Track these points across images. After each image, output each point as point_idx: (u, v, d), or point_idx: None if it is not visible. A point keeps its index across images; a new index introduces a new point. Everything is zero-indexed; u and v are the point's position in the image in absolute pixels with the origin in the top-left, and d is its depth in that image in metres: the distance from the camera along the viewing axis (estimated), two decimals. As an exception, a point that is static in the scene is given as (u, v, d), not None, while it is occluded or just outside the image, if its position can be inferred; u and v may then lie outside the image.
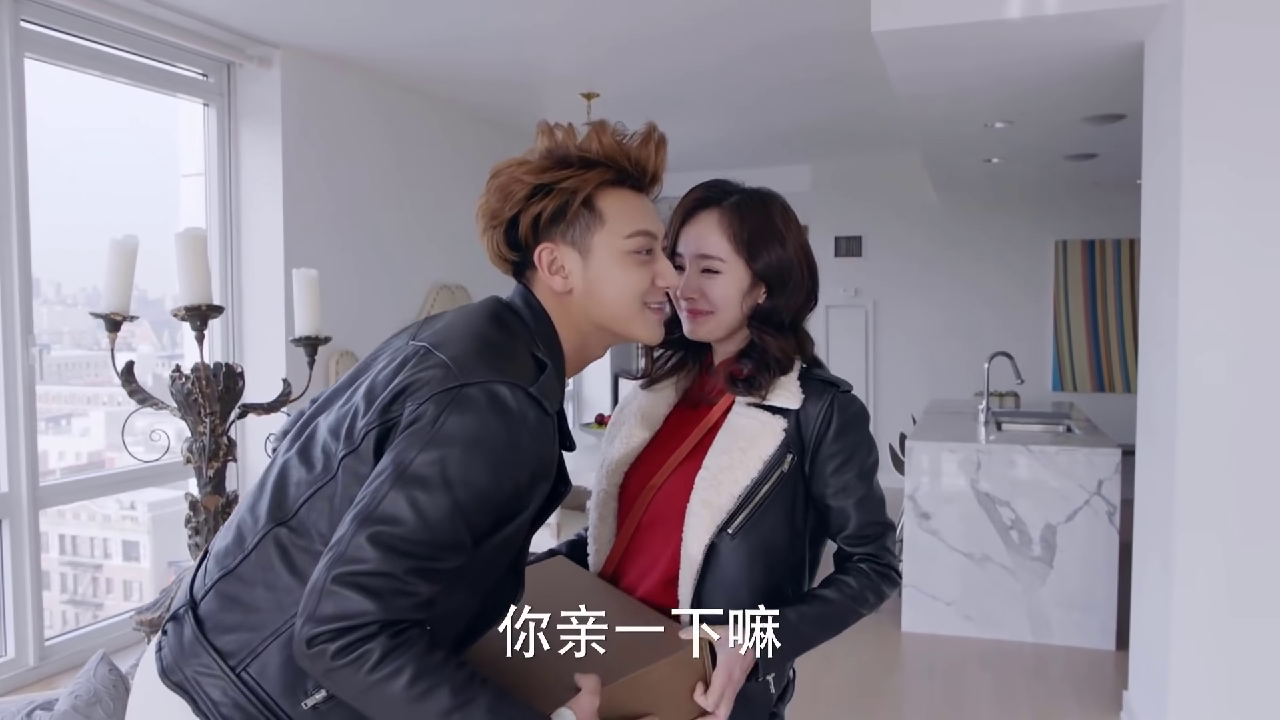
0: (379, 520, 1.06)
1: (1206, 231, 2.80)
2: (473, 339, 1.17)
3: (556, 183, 1.24)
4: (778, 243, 1.42)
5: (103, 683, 1.86)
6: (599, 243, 1.25)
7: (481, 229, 1.29)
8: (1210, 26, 2.76)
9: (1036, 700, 3.74)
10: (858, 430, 1.41)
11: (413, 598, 1.06)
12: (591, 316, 1.26)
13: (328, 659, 1.03)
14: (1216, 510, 2.82)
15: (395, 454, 1.09)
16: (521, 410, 1.11)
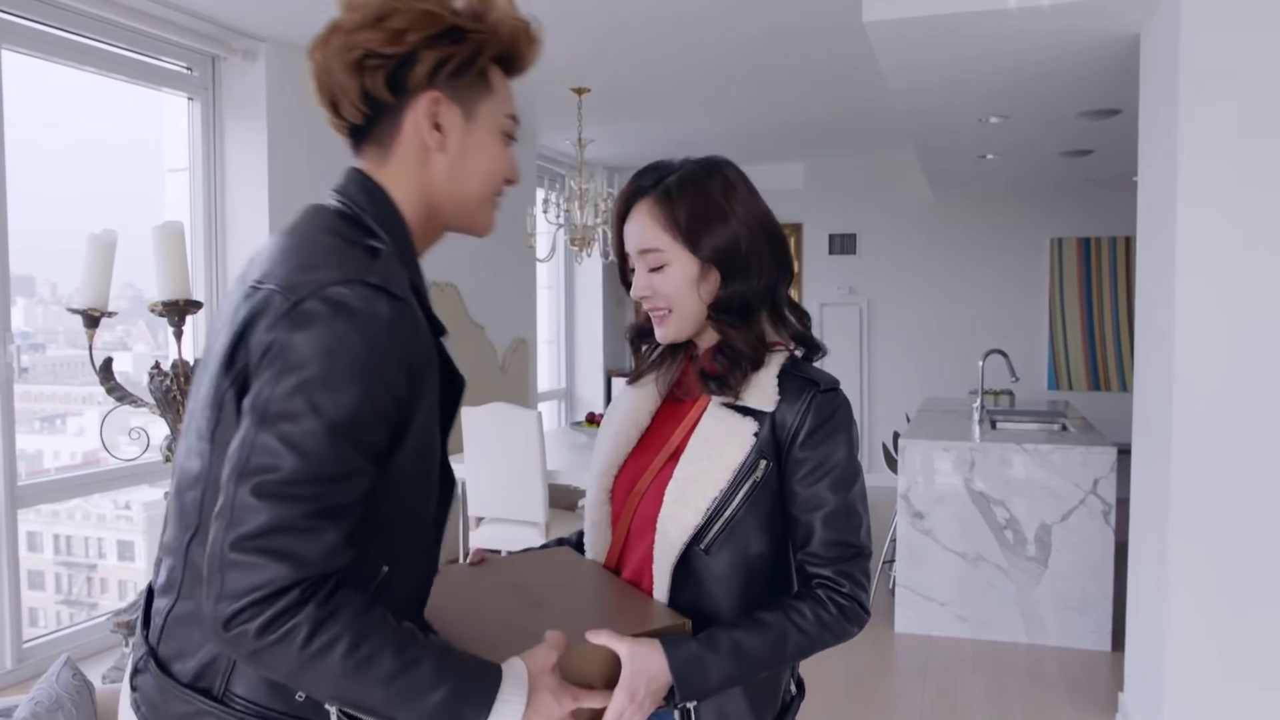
0: (256, 471, 0.95)
1: (1202, 229, 2.76)
2: (295, 254, 1.05)
3: (470, 32, 1.10)
4: (720, 220, 1.28)
5: (65, 688, 1.79)
6: (484, 111, 1.16)
7: (349, 63, 1.08)
8: (1207, 17, 2.71)
9: (1031, 702, 3.69)
10: (834, 434, 1.26)
11: (322, 544, 0.96)
12: (446, 188, 1.15)
13: (251, 639, 0.94)
14: (1212, 510, 2.77)
15: (251, 398, 0.98)
16: (369, 305, 0.98)
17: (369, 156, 1.14)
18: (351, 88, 1.08)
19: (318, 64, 1.10)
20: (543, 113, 6.20)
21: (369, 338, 0.97)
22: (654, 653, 1.15)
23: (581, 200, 5.60)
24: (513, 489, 4.48)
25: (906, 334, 7.95)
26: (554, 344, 8.32)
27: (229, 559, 0.94)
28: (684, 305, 1.31)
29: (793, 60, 4.92)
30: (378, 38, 1.06)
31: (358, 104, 1.10)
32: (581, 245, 5.66)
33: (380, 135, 1.12)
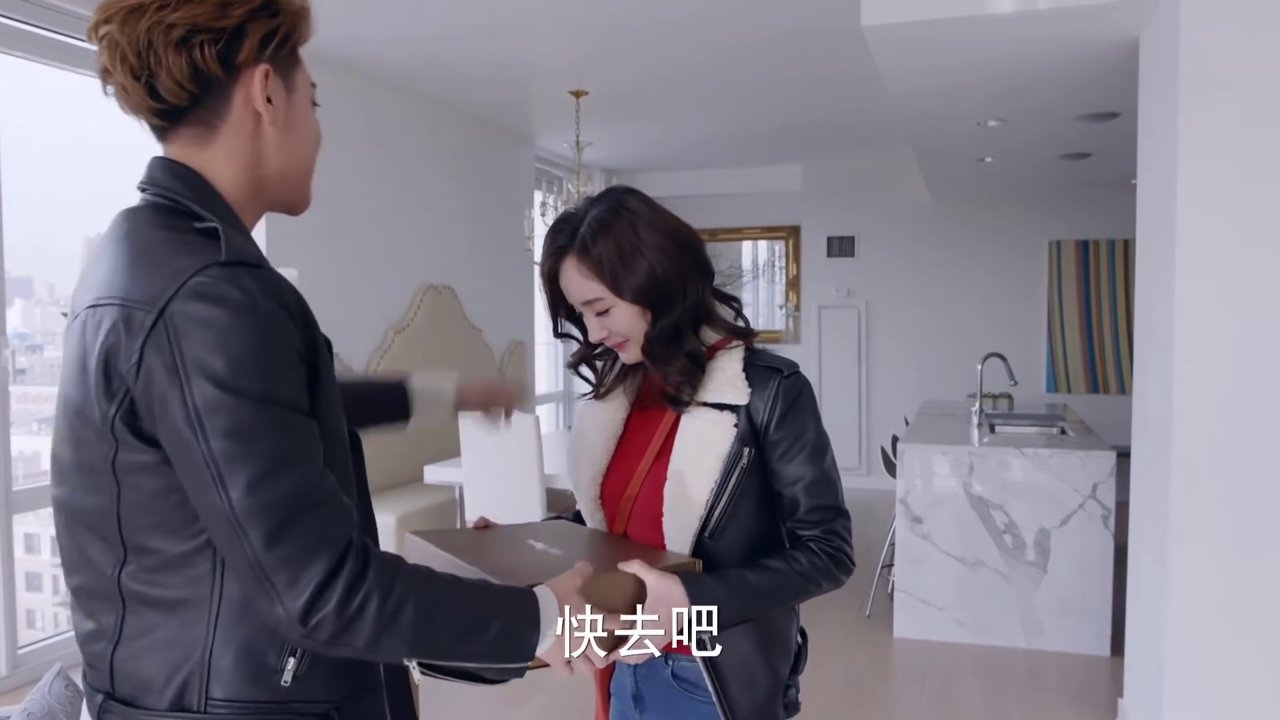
0: (234, 476, 0.95)
1: (1203, 232, 2.75)
2: (131, 263, 1.02)
3: (283, 6, 1.09)
4: (634, 258, 1.36)
5: (58, 699, 1.78)
6: (299, 81, 1.15)
7: (174, 40, 1.02)
8: (1206, 20, 2.70)
9: (1030, 707, 3.68)
10: (802, 413, 1.39)
11: (331, 508, 0.99)
12: (276, 162, 1.13)
13: (331, 624, 0.97)
14: (1212, 514, 2.76)
15: (174, 420, 0.96)
16: (234, 284, 0.97)
17: (185, 139, 1.09)
18: (178, 65, 1.03)
19: (124, 43, 1.03)
20: (541, 115, 6.20)
21: (248, 313, 0.96)
22: (674, 584, 1.26)
23: (579, 203, 5.59)
24: (509, 493, 4.47)
25: (905, 336, 7.94)
26: (551, 346, 8.31)
27: (269, 563, 0.96)
28: (637, 335, 1.41)
29: (790, 63, 4.92)
30: (203, 12, 1.03)
31: (185, 83, 1.04)
32: (579, 248, 5.65)
33: (205, 114, 1.08)
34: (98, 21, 1.05)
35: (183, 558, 1.02)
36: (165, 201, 1.07)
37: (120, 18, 1.03)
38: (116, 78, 1.05)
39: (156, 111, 1.07)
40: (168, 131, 1.09)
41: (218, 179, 1.09)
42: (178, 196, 1.06)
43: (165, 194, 1.07)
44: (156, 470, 1.00)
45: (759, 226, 8.67)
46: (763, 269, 8.85)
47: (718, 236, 8.79)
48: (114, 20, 1.03)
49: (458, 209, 6.01)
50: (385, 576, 1.00)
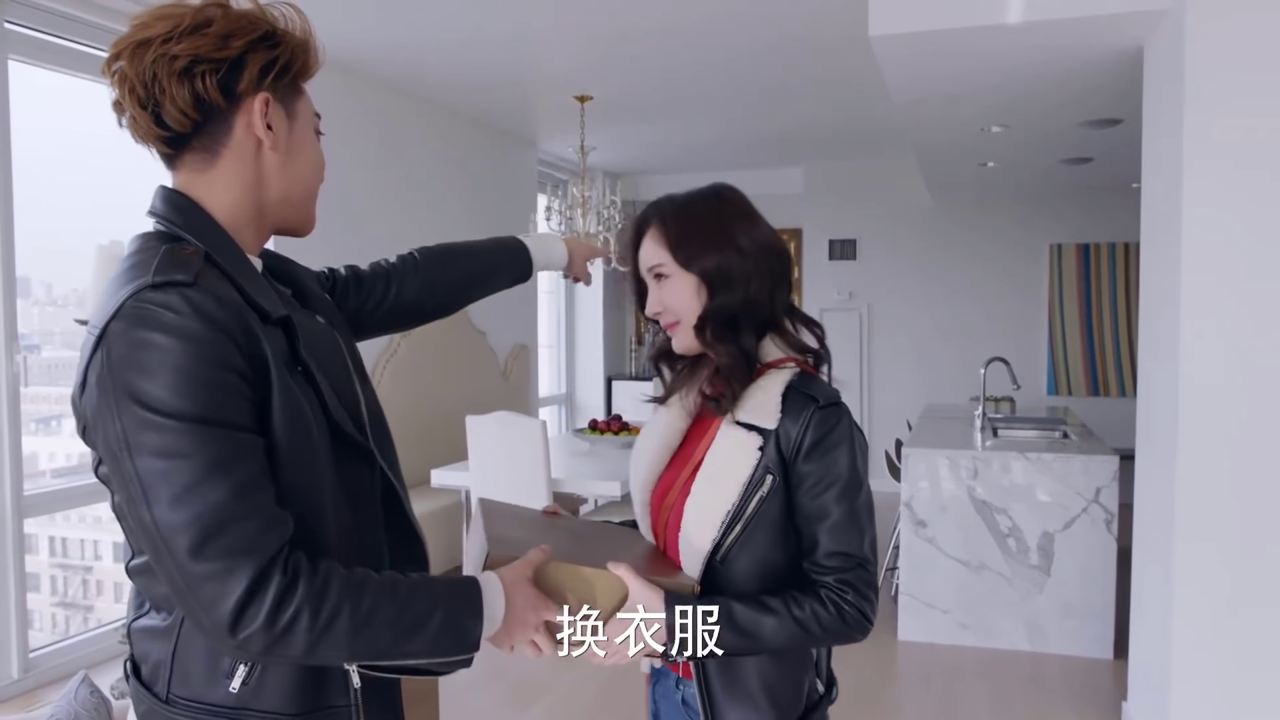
0: (157, 492, 0.98)
1: (1208, 236, 2.77)
2: (103, 294, 1.07)
3: (284, 38, 1.15)
4: (708, 239, 1.38)
5: (83, 705, 1.80)
6: (301, 110, 1.20)
7: (177, 71, 1.08)
8: (1212, 31, 2.73)
9: (1034, 710, 3.71)
10: (835, 449, 1.31)
11: (256, 522, 1.00)
12: (277, 186, 1.18)
13: (261, 637, 0.99)
14: (1218, 517, 2.79)
15: (107, 436, 1.01)
16: (161, 303, 1.00)
17: (190, 165, 1.14)
18: (181, 95, 1.09)
19: (132, 76, 1.09)
20: (544, 119, 6.22)
21: (177, 333, 0.99)
22: (657, 595, 1.24)
23: (584, 207, 5.61)
24: (517, 497, 4.48)
25: (906, 339, 7.97)
26: (554, 349, 8.33)
27: (193, 578, 0.99)
28: (689, 316, 1.39)
29: (793, 69, 4.95)
30: (205, 44, 1.08)
31: (188, 111, 1.10)
32: (584, 252, 5.67)
33: (207, 141, 1.13)
34: (110, 58, 1.12)
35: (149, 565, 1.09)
36: (162, 228, 1.13)
37: (129, 52, 1.09)
38: (127, 108, 1.11)
39: (163, 139, 1.13)
40: (174, 159, 1.15)
41: (216, 203, 1.14)
42: (170, 223, 1.12)
43: (161, 221, 1.13)
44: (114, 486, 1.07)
45: (760, 229, 8.69)
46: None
47: (719, 239, 8.82)
48: (124, 55, 1.10)
49: (462, 212, 6.04)
50: (317, 586, 1.01)
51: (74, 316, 2.89)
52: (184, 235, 1.11)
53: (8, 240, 3.52)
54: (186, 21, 1.09)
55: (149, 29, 1.09)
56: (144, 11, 1.11)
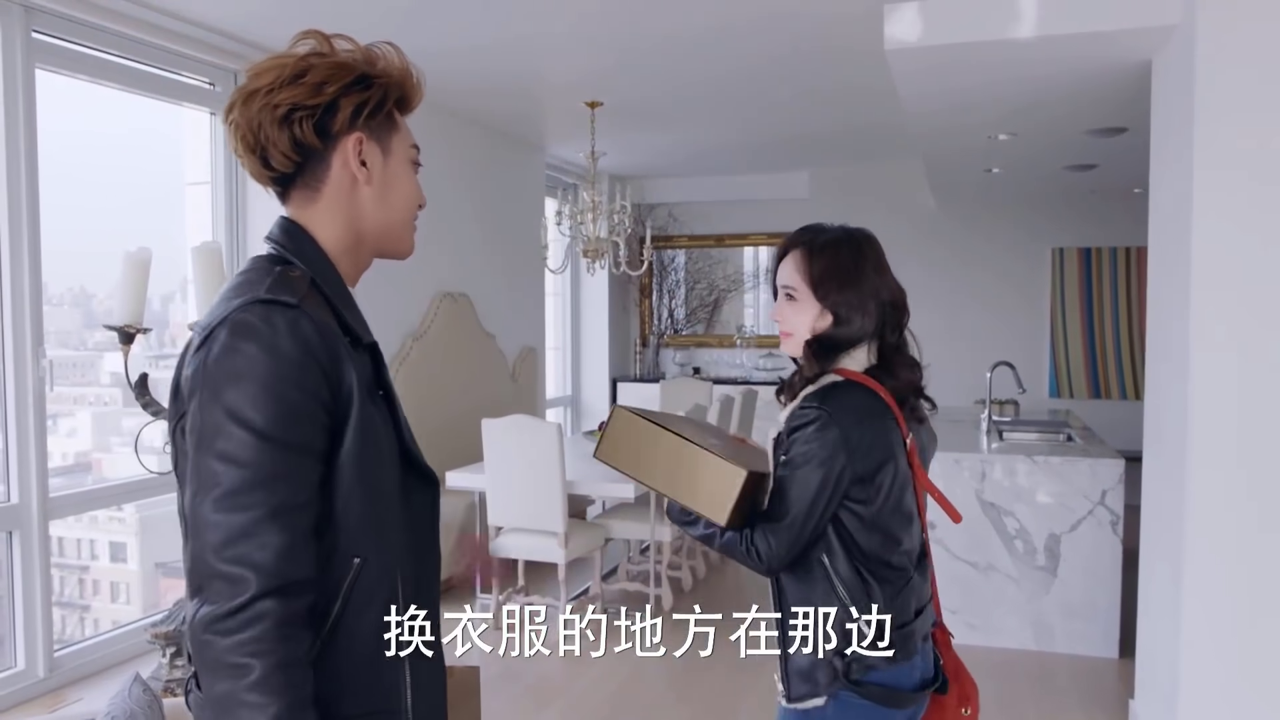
0: (206, 489, 1.08)
1: (1218, 243, 2.83)
2: (216, 302, 1.18)
3: (376, 77, 1.25)
4: (845, 284, 1.70)
5: (137, 703, 1.86)
6: (396, 145, 1.28)
7: (278, 118, 1.19)
8: (1222, 45, 2.79)
9: (1042, 708, 3.78)
10: (799, 435, 1.64)
11: (273, 549, 1.06)
12: (374, 217, 1.27)
13: (220, 649, 1.05)
14: (1228, 519, 2.85)
15: (187, 428, 1.12)
16: (265, 320, 1.10)
17: (298, 200, 1.25)
18: (282, 139, 1.20)
19: (242, 124, 1.20)
20: (555, 124, 6.28)
21: (270, 348, 1.09)
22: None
23: (594, 212, 5.67)
24: (531, 499, 4.55)
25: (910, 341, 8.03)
26: (560, 352, 8.39)
27: (211, 569, 1.07)
28: (800, 332, 1.73)
29: (801, 77, 5.01)
30: (301, 92, 1.19)
31: (289, 153, 1.21)
32: (594, 257, 5.74)
33: (309, 179, 1.24)
34: (227, 108, 1.24)
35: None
36: (275, 253, 1.24)
37: (241, 102, 1.21)
38: (240, 153, 1.23)
39: (272, 179, 1.25)
40: (285, 194, 1.27)
41: (322, 234, 1.25)
42: (281, 248, 1.24)
43: (274, 245, 1.25)
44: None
45: (765, 233, 8.76)
46: (766, 274, 8.95)
47: (724, 242, 8.89)
48: (236, 105, 1.22)
49: (472, 217, 6.10)
50: (285, 654, 1.07)
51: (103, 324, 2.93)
52: (293, 260, 1.21)
53: (35, 248, 3.57)
54: (288, 72, 1.20)
55: (258, 80, 1.20)
56: (257, 62, 1.23)
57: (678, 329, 9.11)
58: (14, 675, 3.53)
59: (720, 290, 9.02)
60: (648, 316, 9.14)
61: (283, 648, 1.06)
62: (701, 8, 3.95)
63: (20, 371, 3.54)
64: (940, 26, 3.17)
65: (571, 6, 3.93)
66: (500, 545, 4.70)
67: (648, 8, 3.95)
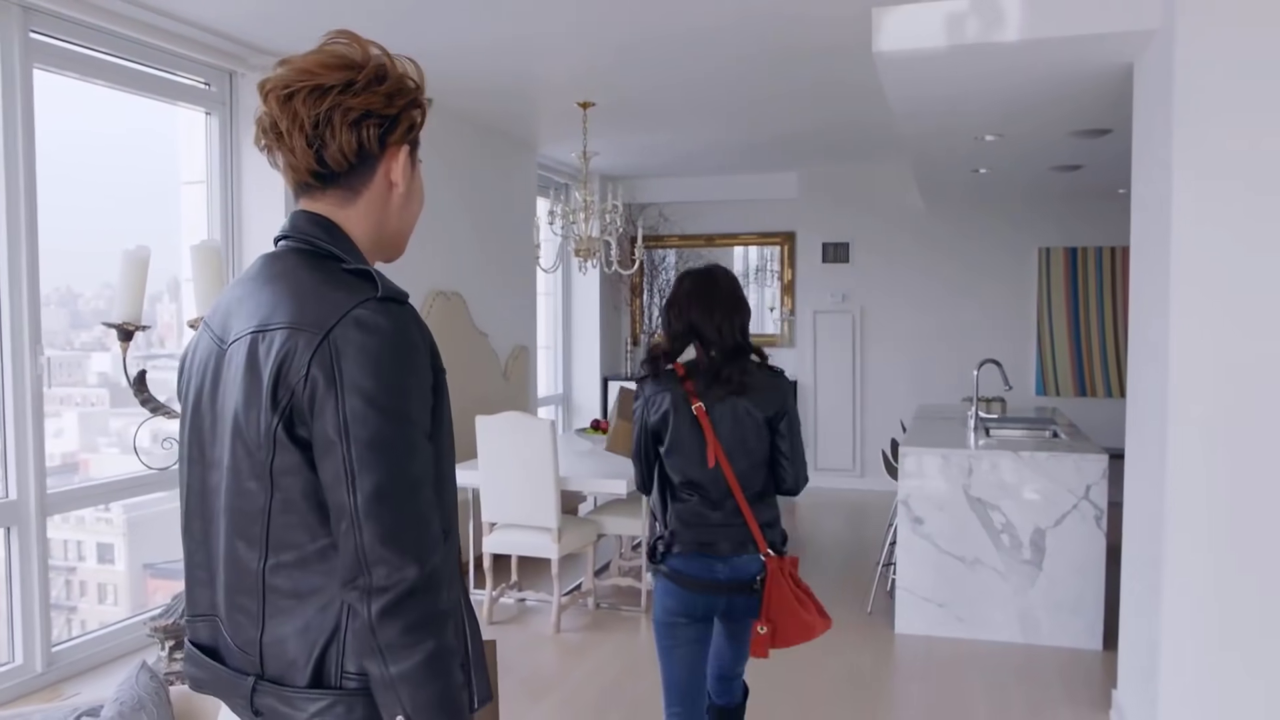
0: (365, 480, 1.13)
1: (1198, 244, 2.89)
2: (291, 297, 1.20)
3: (422, 99, 1.31)
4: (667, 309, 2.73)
5: (145, 690, 1.91)
6: (417, 160, 1.35)
7: (351, 121, 1.23)
8: (1200, 49, 2.86)
9: (1028, 699, 3.85)
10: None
11: (433, 525, 1.18)
12: (395, 224, 1.34)
13: (394, 629, 1.14)
14: (1206, 514, 2.92)
15: (324, 427, 1.14)
16: (386, 316, 1.17)
17: (331, 199, 1.28)
18: (349, 141, 1.23)
19: (303, 115, 1.22)
20: (545, 124, 6.32)
21: (397, 343, 1.16)
22: None
23: (587, 212, 5.72)
24: (525, 496, 4.60)
25: (898, 341, 8.12)
26: (551, 350, 8.44)
27: (373, 557, 1.14)
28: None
29: (791, 77, 5.07)
30: (376, 101, 1.24)
31: (350, 155, 1.25)
32: (586, 256, 5.79)
33: (354, 181, 1.27)
34: (278, 87, 1.24)
35: (318, 553, 1.20)
36: (307, 247, 1.26)
37: (305, 93, 1.22)
38: (289, 141, 1.24)
39: (315, 174, 1.26)
40: (315, 190, 1.29)
41: (352, 233, 1.30)
42: (321, 242, 1.26)
43: (308, 239, 1.27)
44: (303, 472, 1.18)
45: (755, 232, 8.83)
46: (756, 274, 9.02)
47: (714, 242, 8.95)
48: (298, 94, 1.23)
49: (464, 217, 6.14)
50: (434, 611, 1.16)
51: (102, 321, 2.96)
52: (340, 254, 1.25)
53: (33, 248, 3.60)
54: (365, 76, 1.23)
55: (325, 76, 1.22)
56: (313, 57, 1.24)
57: (668, 328, 9.16)
58: (12, 670, 3.56)
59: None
60: (639, 315, 9.20)
61: (446, 618, 1.18)
62: (693, 8, 4.00)
63: (18, 369, 3.57)
64: (928, 30, 3.23)
65: (565, 7, 3.98)
66: (493, 542, 4.75)
67: (640, 8, 4.00)
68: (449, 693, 1.16)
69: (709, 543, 2.52)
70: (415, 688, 1.14)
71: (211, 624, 1.28)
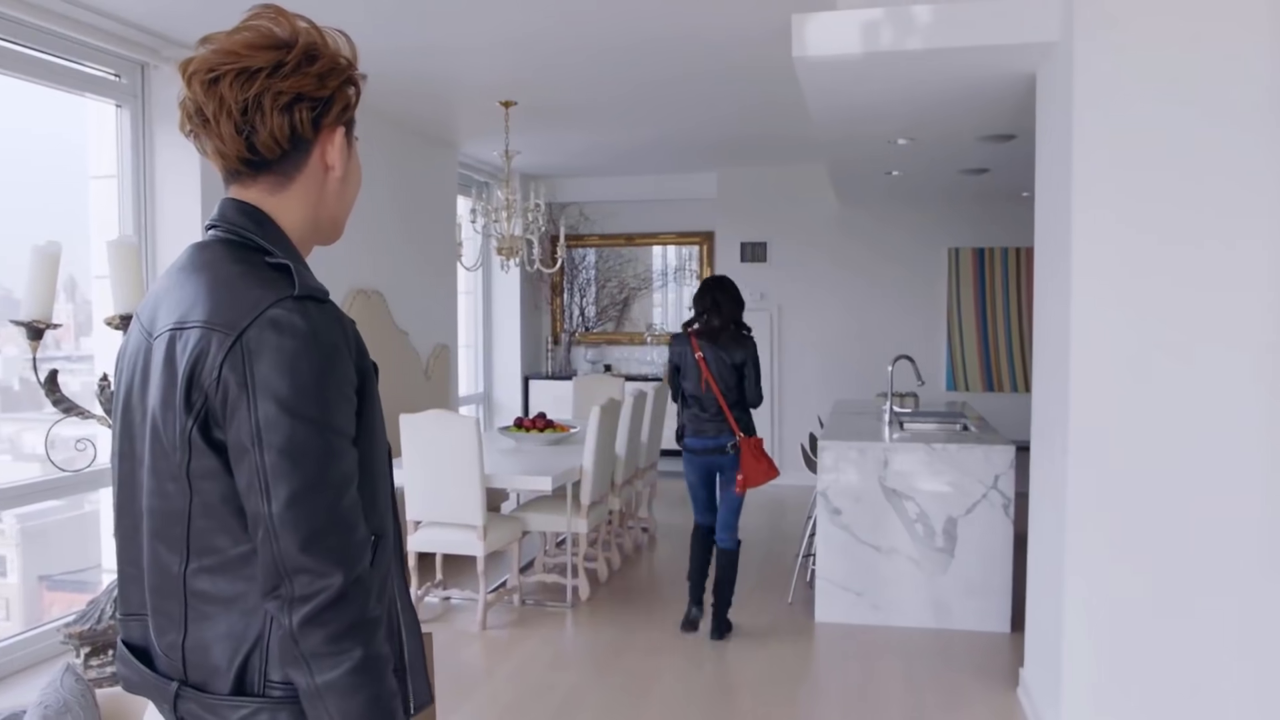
0: (278, 487, 1.09)
1: (1095, 243, 3.05)
2: (211, 291, 1.15)
3: (355, 78, 1.25)
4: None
5: (70, 692, 1.87)
6: (352, 139, 1.30)
7: (283, 105, 1.17)
8: (1095, 60, 3.03)
9: (942, 680, 4.01)
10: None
11: (360, 535, 1.13)
12: (331, 207, 1.28)
13: (320, 641, 1.11)
14: (1104, 501, 3.09)
15: (239, 431, 1.10)
16: (303, 316, 1.12)
17: (263, 185, 1.22)
18: (280, 125, 1.17)
19: (230, 101, 1.15)
20: (469, 123, 6.30)
21: (314, 344, 1.11)
22: None
23: (509, 211, 5.72)
24: (449, 493, 4.60)
25: (815, 338, 8.31)
26: (473, 349, 8.40)
27: (292, 567, 1.10)
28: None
29: (712, 88, 5.17)
30: (307, 83, 1.18)
31: (282, 141, 1.18)
32: (508, 255, 5.80)
33: (287, 167, 1.21)
34: (201, 70, 1.17)
35: (240, 558, 1.16)
36: (235, 238, 1.21)
37: (231, 77, 1.16)
38: (216, 127, 1.18)
39: (245, 161, 1.20)
40: (246, 177, 1.22)
41: (284, 221, 1.24)
42: (248, 233, 1.21)
43: (236, 230, 1.21)
44: (221, 477, 1.14)
45: (674, 232, 8.94)
46: (675, 273, 9.13)
47: (634, 241, 9.03)
48: (224, 78, 1.16)
49: (385, 215, 6.08)
50: (368, 629, 1.13)
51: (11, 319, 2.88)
52: (261, 244, 1.20)
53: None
54: (292, 59, 1.17)
55: (253, 58, 1.16)
56: (238, 36, 1.18)
57: (589, 326, 9.21)
58: (-87, 683, 3.43)
59: (630, 288, 9.16)
60: (559, 314, 9.22)
61: (375, 625, 1.14)
62: (614, 24, 4.06)
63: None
64: (844, 37, 3.35)
65: (487, 15, 3.99)
66: (418, 540, 4.73)
67: (561, 20, 4.05)
68: (380, 700, 1.13)
69: (703, 430, 4.42)
70: (343, 697, 1.11)
71: (144, 623, 1.24)
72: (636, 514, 6.33)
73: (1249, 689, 2.98)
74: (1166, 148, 2.97)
